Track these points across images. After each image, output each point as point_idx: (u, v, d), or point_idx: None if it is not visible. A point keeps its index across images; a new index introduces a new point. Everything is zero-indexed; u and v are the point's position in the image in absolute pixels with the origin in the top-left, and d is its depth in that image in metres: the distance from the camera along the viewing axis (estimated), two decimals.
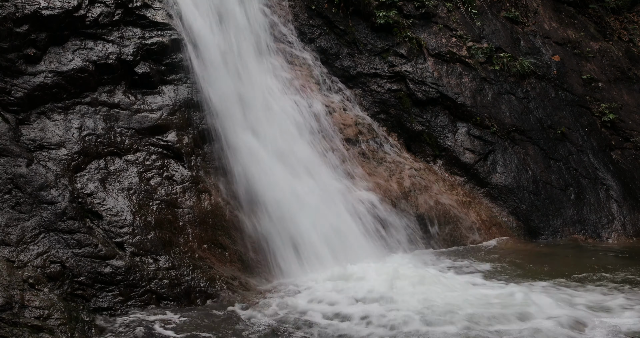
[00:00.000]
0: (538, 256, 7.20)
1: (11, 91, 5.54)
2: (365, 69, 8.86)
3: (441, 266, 6.56)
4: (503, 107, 8.97)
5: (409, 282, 5.60)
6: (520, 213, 8.30)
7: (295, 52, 8.42)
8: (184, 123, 6.46)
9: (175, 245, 5.50)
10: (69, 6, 6.15)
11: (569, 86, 9.52)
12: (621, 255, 7.29)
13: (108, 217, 5.35)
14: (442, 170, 8.58)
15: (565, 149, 8.92)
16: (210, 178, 6.36)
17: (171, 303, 5.10)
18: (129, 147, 5.98)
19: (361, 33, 9.01)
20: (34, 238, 4.87)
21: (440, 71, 8.95)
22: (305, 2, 8.92)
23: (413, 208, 7.74)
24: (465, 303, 5.14)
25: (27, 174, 5.15)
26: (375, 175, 7.85)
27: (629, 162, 9.17)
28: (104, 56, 6.24)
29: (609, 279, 6.09)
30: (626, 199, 8.58)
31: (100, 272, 4.94)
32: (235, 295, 5.41)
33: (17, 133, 5.40)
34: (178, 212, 5.81)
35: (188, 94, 6.65)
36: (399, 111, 8.74)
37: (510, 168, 8.55)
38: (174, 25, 6.83)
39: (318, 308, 5.12)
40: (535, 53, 9.58)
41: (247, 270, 5.90)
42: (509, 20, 9.85)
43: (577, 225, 8.30)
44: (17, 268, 4.60)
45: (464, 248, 7.56)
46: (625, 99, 9.77)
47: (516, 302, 5.18)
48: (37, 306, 4.40)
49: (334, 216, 6.81)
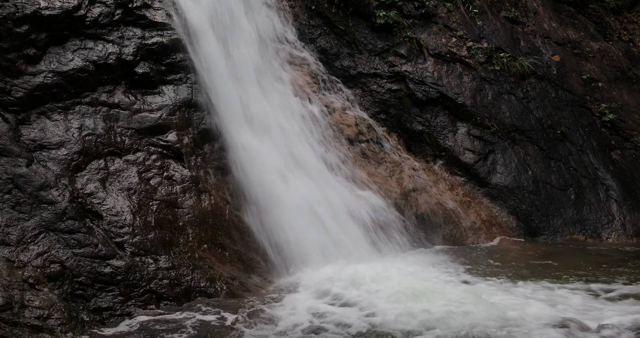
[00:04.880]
0: (538, 255, 7.20)
1: (11, 91, 5.54)
2: (365, 69, 8.85)
3: (440, 267, 6.56)
4: (503, 107, 8.97)
5: (407, 285, 5.57)
6: (520, 213, 8.30)
7: (295, 52, 8.42)
8: (184, 123, 6.46)
9: (175, 245, 5.50)
10: (69, 6, 6.15)
11: (569, 86, 9.52)
12: (621, 254, 7.29)
13: (108, 217, 5.35)
14: (442, 170, 8.58)
15: (565, 149, 8.92)
16: (210, 178, 6.36)
17: (171, 303, 5.10)
18: (129, 147, 5.98)
19: (361, 33, 9.00)
20: (34, 238, 4.87)
21: (440, 71, 8.95)
22: (305, 2, 8.91)
23: (413, 208, 7.74)
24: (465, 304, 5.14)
25: (27, 174, 5.15)
26: (375, 175, 7.85)
27: (629, 162, 9.17)
28: (104, 56, 6.24)
29: (608, 279, 6.09)
30: (626, 199, 8.57)
31: (100, 272, 4.94)
32: (235, 295, 5.41)
33: (17, 133, 5.40)
34: (178, 212, 5.81)
35: (188, 94, 6.65)
36: (399, 111, 8.74)
37: (510, 168, 8.55)
38: (174, 25, 6.82)
39: (318, 307, 5.12)
40: (535, 53, 9.58)
41: (247, 270, 5.90)
42: (509, 20, 9.85)
43: (577, 224, 8.29)
44: (17, 268, 4.60)
45: (464, 248, 7.56)
46: (625, 99, 9.77)
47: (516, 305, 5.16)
48: (37, 306, 4.40)
49: (334, 216, 6.81)
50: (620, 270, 6.47)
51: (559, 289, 5.74)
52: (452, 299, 5.20)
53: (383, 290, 5.41)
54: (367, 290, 5.48)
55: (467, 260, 6.89)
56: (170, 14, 6.89)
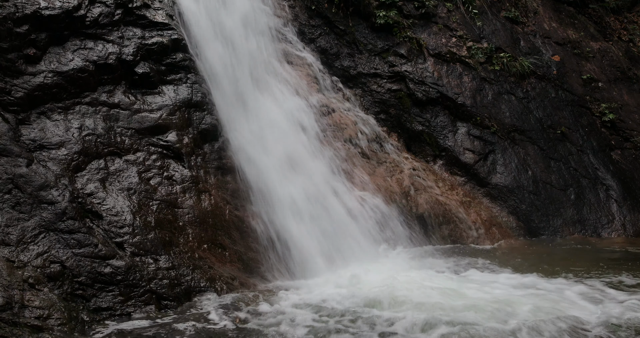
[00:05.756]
0: (537, 255, 7.20)
1: (11, 91, 5.54)
2: (365, 69, 8.85)
3: (439, 267, 6.56)
4: (503, 107, 8.97)
5: (407, 286, 5.58)
6: (520, 213, 8.30)
7: (295, 52, 8.42)
8: (184, 123, 6.46)
9: (175, 245, 5.50)
10: (69, 6, 6.15)
11: (569, 86, 9.52)
12: (621, 254, 7.29)
13: (108, 217, 5.35)
14: (442, 170, 8.58)
15: (565, 149, 8.92)
16: (210, 178, 6.36)
17: (171, 303, 5.10)
18: (129, 147, 5.98)
19: (361, 33, 9.01)
20: (34, 238, 4.87)
21: (440, 71, 8.95)
22: (305, 2, 8.92)
23: (413, 208, 7.74)
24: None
25: (27, 174, 5.15)
26: (375, 175, 7.85)
27: (629, 162, 9.17)
28: (104, 56, 6.23)
29: (606, 279, 6.09)
30: (626, 199, 8.58)
31: (100, 272, 4.94)
32: (235, 295, 5.41)
33: (17, 133, 5.40)
34: (178, 212, 5.81)
35: (188, 94, 6.65)
36: (399, 111, 8.74)
37: (510, 168, 8.55)
38: (174, 25, 6.83)
39: (318, 306, 5.12)
40: (535, 53, 9.58)
41: (247, 270, 5.90)
42: (509, 20, 9.85)
43: (577, 224, 8.30)
44: (17, 268, 4.60)
45: (464, 248, 7.56)
46: (625, 99, 9.77)
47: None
48: (37, 306, 4.40)
49: (334, 216, 6.81)
50: (619, 270, 6.47)
51: (560, 287, 5.75)
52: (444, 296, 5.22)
53: (385, 291, 5.41)
54: (369, 290, 5.48)
55: (467, 260, 6.89)
56: (170, 14, 6.89)
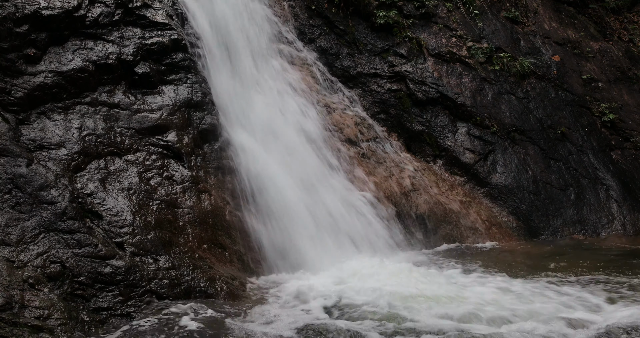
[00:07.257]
0: (538, 255, 7.20)
1: (11, 91, 5.54)
2: (365, 69, 8.86)
3: (439, 267, 6.56)
4: (503, 107, 8.97)
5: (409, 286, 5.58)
6: (520, 213, 8.30)
7: (295, 52, 8.42)
8: (184, 123, 6.46)
9: (175, 245, 5.50)
10: (69, 6, 6.15)
11: (569, 86, 9.52)
12: (621, 254, 7.29)
13: (108, 217, 5.35)
14: (442, 170, 8.58)
15: (565, 149, 8.93)
16: (210, 178, 6.36)
17: (171, 303, 5.09)
18: (129, 147, 5.97)
19: (361, 33, 9.01)
20: (34, 238, 4.87)
21: (440, 71, 8.95)
22: (305, 2, 8.92)
23: (413, 208, 7.74)
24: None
25: (27, 174, 5.15)
26: (375, 175, 7.85)
27: (629, 162, 9.18)
28: (104, 56, 6.23)
29: (606, 279, 6.09)
30: (626, 199, 8.58)
31: (100, 272, 4.94)
32: (236, 295, 5.41)
33: (17, 133, 5.40)
34: (178, 212, 5.81)
35: (188, 94, 6.65)
36: (399, 111, 8.74)
37: (510, 168, 8.55)
38: (174, 25, 6.83)
39: (319, 306, 5.12)
40: (535, 53, 9.58)
41: (247, 270, 5.90)
42: (509, 20, 9.85)
43: (577, 224, 8.30)
44: (17, 268, 4.60)
45: (464, 248, 7.56)
46: (625, 99, 9.77)
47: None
48: (37, 306, 4.40)
49: (334, 216, 6.81)
50: (619, 270, 6.47)
51: (560, 287, 5.75)
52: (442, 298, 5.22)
53: (387, 290, 5.41)
54: (372, 289, 5.48)
55: (467, 260, 6.89)
56: (170, 14, 6.89)
